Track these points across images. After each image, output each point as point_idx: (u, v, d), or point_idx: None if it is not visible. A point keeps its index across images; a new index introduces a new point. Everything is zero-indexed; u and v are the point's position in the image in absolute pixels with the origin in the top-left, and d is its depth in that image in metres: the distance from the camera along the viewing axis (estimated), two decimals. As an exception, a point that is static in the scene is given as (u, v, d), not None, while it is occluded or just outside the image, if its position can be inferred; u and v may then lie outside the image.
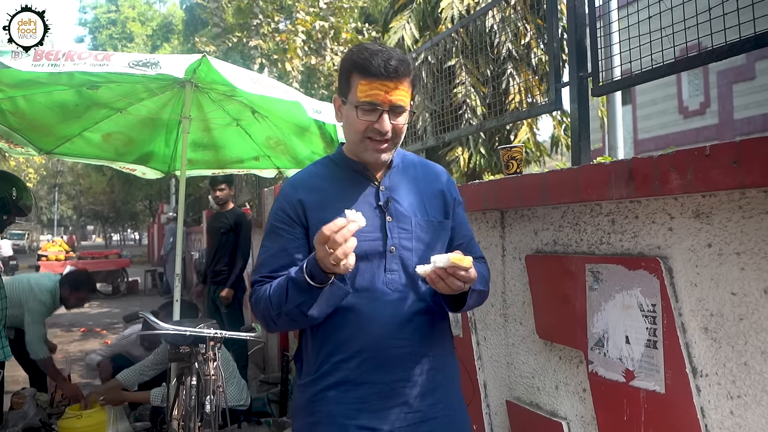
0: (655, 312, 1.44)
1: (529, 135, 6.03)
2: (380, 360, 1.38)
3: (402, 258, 1.40)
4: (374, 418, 1.37)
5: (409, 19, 6.39)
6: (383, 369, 1.38)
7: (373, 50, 1.35)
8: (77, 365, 6.34)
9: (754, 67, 13.12)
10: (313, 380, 1.43)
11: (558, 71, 2.32)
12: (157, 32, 31.58)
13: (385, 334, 1.37)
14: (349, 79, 1.38)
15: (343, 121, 1.45)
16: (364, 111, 1.35)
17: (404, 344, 1.39)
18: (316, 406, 1.41)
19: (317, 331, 1.43)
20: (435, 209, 1.49)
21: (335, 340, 1.40)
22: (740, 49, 1.55)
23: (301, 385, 1.47)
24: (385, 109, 1.34)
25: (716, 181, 1.24)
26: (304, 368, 1.48)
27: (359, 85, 1.34)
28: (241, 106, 3.88)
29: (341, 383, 1.39)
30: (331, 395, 1.39)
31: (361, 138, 1.38)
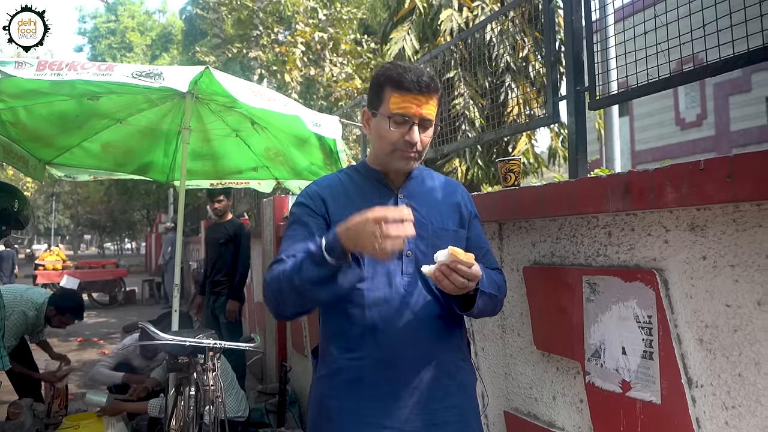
0: (651, 323, 1.46)
1: (528, 146, 6.07)
2: (394, 361, 1.42)
3: (417, 263, 1.46)
4: (387, 416, 1.41)
5: (409, 31, 6.44)
6: (397, 369, 1.42)
7: (407, 67, 1.45)
8: (75, 375, 6.32)
9: (750, 79, 13.23)
10: (328, 375, 1.49)
11: (555, 85, 2.35)
12: (157, 42, 31.69)
13: (399, 335, 1.42)
14: (382, 93, 1.45)
15: (371, 132, 1.53)
16: (396, 123, 1.43)
17: (418, 347, 1.44)
18: (330, 401, 1.47)
19: (334, 328, 1.49)
20: (451, 219, 1.56)
21: (351, 337, 1.45)
22: (733, 65, 1.58)
23: (317, 379, 1.54)
24: (415, 122, 1.43)
25: (711, 194, 1.26)
26: (320, 363, 1.54)
27: (392, 98, 1.43)
28: (240, 117, 3.90)
29: (355, 381, 1.44)
30: (344, 391, 1.45)
31: (392, 148, 1.46)
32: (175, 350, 2.71)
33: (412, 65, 1.47)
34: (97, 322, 11.27)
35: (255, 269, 6.44)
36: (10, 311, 4.08)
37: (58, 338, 9.07)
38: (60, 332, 9.39)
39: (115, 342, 8.52)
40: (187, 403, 2.74)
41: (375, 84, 1.49)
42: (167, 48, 29.51)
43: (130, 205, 26.46)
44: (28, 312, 4.17)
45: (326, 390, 1.49)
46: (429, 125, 1.46)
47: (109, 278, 14.21)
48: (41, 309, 4.26)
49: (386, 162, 1.50)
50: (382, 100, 1.45)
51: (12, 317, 4.08)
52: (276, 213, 5.21)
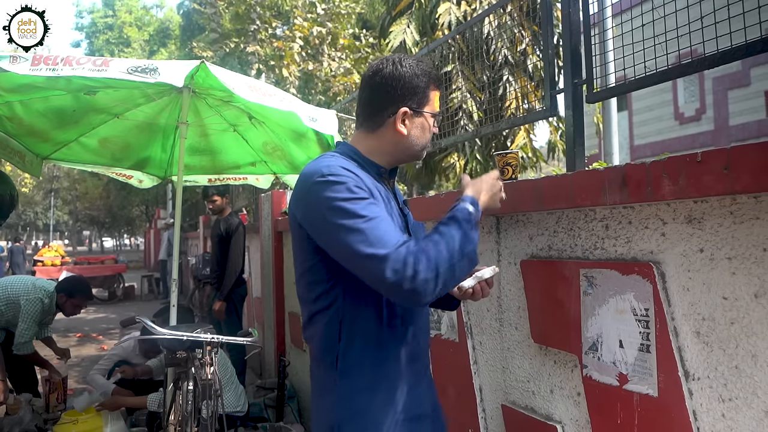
0: (648, 316, 1.46)
1: (526, 140, 6.05)
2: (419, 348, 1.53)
3: None
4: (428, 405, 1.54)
5: (409, 23, 6.41)
6: (421, 356, 1.56)
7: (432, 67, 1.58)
8: (73, 370, 6.33)
9: (749, 73, 13.22)
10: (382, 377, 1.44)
11: (553, 78, 2.34)
12: (154, 37, 31.58)
13: (420, 322, 1.55)
14: (428, 91, 1.49)
15: (409, 130, 1.47)
16: (436, 117, 1.54)
17: (425, 334, 1.59)
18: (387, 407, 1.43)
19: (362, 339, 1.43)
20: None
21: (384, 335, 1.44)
22: (731, 57, 1.58)
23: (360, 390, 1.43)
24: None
25: (708, 187, 1.26)
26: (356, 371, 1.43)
27: (437, 96, 1.52)
28: (238, 111, 3.90)
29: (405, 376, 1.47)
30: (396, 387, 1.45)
31: (427, 143, 1.55)
32: (172, 345, 2.71)
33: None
34: (96, 318, 11.28)
35: (254, 264, 6.44)
36: (25, 300, 4.10)
37: (57, 334, 9.07)
38: (59, 328, 9.42)
39: (114, 337, 8.54)
40: (185, 398, 2.74)
41: (417, 83, 1.46)
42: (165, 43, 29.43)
43: (128, 200, 26.43)
44: (44, 299, 4.21)
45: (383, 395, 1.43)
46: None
47: (108, 274, 14.24)
48: (53, 297, 4.28)
49: (413, 157, 1.57)
50: (429, 99, 1.49)
51: (30, 306, 4.11)
52: (274, 208, 5.21)
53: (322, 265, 1.40)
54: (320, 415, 1.50)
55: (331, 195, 1.30)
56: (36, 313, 4.14)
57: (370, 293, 1.39)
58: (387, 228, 1.27)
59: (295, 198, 1.45)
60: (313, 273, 1.43)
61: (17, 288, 4.16)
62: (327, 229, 1.32)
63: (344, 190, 1.30)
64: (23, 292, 4.13)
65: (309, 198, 1.36)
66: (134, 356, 4.54)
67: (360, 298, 1.41)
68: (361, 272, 1.29)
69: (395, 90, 1.45)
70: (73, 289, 4.35)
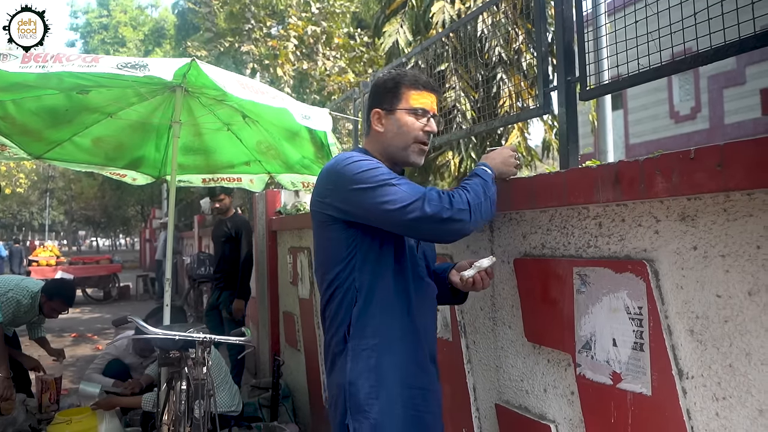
0: (641, 314, 1.45)
1: (520, 139, 6.05)
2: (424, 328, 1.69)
3: (423, 249, 1.76)
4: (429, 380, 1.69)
5: (402, 23, 6.40)
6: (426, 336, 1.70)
7: (417, 73, 1.76)
8: (68, 371, 6.30)
9: (744, 71, 13.24)
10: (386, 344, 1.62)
11: (546, 75, 2.33)
12: (149, 37, 31.45)
13: (426, 305, 1.72)
14: (399, 92, 1.67)
15: (386, 129, 1.70)
16: (418, 115, 1.66)
17: (431, 320, 1.76)
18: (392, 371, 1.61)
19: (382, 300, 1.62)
20: None
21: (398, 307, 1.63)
22: (725, 53, 1.57)
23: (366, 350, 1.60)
24: (431, 115, 1.69)
25: (701, 184, 1.25)
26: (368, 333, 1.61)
27: (412, 95, 1.66)
28: (231, 110, 3.88)
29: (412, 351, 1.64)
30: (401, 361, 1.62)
31: (412, 140, 1.67)
32: (165, 344, 2.70)
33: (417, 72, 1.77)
34: (91, 318, 11.24)
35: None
36: (1, 297, 4.07)
37: (52, 334, 9.04)
38: (54, 328, 9.38)
39: (109, 337, 8.50)
40: (178, 398, 2.72)
41: (388, 87, 1.69)
42: (160, 43, 29.31)
43: (123, 200, 26.36)
44: (22, 300, 4.16)
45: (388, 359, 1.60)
46: (436, 119, 1.72)
47: (103, 274, 14.19)
48: (36, 297, 4.24)
49: (403, 157, 1.69)
50: (400, 98, 1.66)
51: (5, 305, 4.07)
52: (268, 207, 5.19)
53: (344, 245, 1.60)
54: (333, 382, 1.66)
55: (359, 168, 1.55)
56: (7, 311, 4.10)
57: (385, 267, 1.62)
58: (413, 184, 1.54)
59: (319, 187, 1.65)
60: (335, 252, 1.63)
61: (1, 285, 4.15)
62: (359, 195, 1.53)
63: (368, 165, 1.56)
64: (4, 290, 4.11)
65: (338, 179, 1.58)
66: (128, 355, 4.51)
67: (376, 271, 1.61)
68: (399, 219, 1.49)
69: (372, 96, 1.74)
70: (54, 292, 4.30)
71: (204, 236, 9.90)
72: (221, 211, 5.30)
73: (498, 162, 1.74)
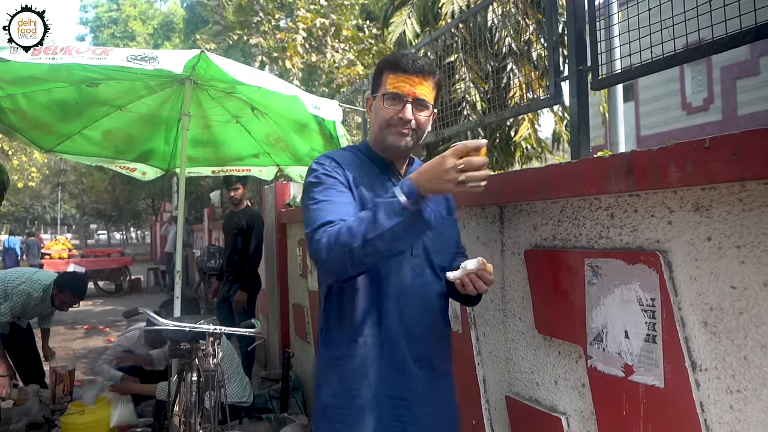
0: (654, 306, 1.43)
1: (530, 131, 6.01)
2: (407, 336, 1.55)
3: (424, 244, 1.59)
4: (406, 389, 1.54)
5: (410, 15, 6.36)
6: (410, 344, 1.55)
7: (404, 53, 1.58)
8: (80, 362, 6.36)
9: (758, 62, 13.06)
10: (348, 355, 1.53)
11: (557, 65, 2.31)
12: (159, 31, 31.51)
13: (412, 311, 1.55)
14: (381, 77, 1.56)
15: (371, 113, 1.63)
16: (391, 100, 1.52)
17: (427, 321, 1.59)
18: (345, 379, 1.53)
19: (348, 306, 1.54)
20: (445, 207, 1.71)
21: (367, 314, 1.53)
22: (741, 41, 1.54)
23: (331, 358, 1.56)
24: (409, 101, 1.51)
25: (716, 173, 1.22)
26: (333, 341, 1.57)
27: (388, 79, 1.53)
28: (240, 102, 3.88)
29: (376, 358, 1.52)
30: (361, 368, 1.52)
31: (385, 125, 1.54)
32: (176, 336, 2.71)
33: (412, 54, 1.60)
34: (103, 310, 11.34)
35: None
36: (11, 288, 4.11)
37: (65, 326, 9.14)
38: (66, 320, 9.48)
39: (120, 329, 8.57)
40: (189, 389, 2.74)
41: (375, 71, 1.61)
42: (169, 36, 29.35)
43: (134, 194, 26.51)
44: (33, 293, 4.20)
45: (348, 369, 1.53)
46: (424, 106, 1.54)
47: (114, 267, 14.31)
48: (47, 290, 4.28)
49: (381, 139, 1.57)
50: (381, 83, 1.56)
51: (15, 297, 4.11)
52: (278, 200, 5.19)
53: None
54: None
55: (307, 182, 1.54)
56: (17, 303, 4.15)
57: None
58: (326, 210, 1.43)
59: None
60: None
61: (12, 279, 4.19)
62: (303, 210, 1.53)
63: (313, 176, 1.53)
64: (16, 283, 4.16)
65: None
66: (140, 347, 4.55)
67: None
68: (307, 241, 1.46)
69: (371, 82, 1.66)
70: (65, 285, 4.33)
71: (214, 229, 9.94)
72: (235, 202, 5.28)
73: (425, 180, 1.30)
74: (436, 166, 1.28)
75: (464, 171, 1.24)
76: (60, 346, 4.96)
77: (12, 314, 4.17)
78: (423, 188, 1.30)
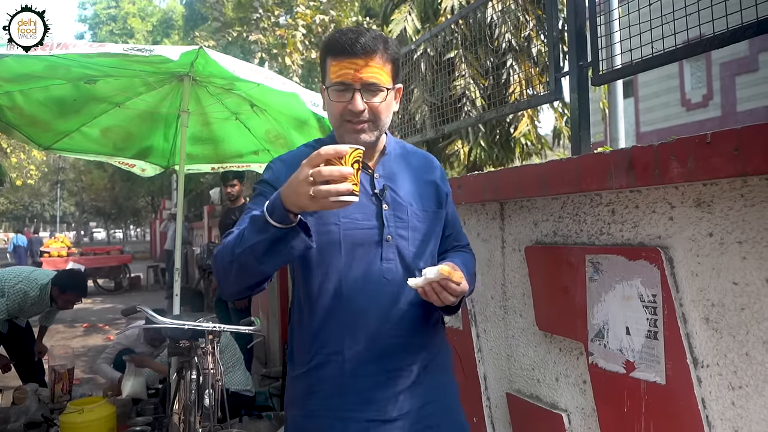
0: (655, 302, 1.43)
1: (530, 127, 5.99)
2: (376, 351, 1.35)
3: (399, 247, 1.37)
4: (375, 410, 1.34)
5: (410, 11, 6.34)
6: (379, 361, 1.35)
7: (344, 31, 1.31)
8: (80, 360, 6.36)
9: (757, 58, 13.04)
10: (306, 372, 1.38)
11: (557, 61, 2.30)
12: (158, 28, 31.45)
13: (381, 324, 1.35)
14: (325, 64, 1.34)
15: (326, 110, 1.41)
16: (337, 92, 1.31)
17: (400, 334, 1.37)
18: (312, 399, 1.37)
19: (309, 321, 1.38)
20: (430, 199, 1.47)
21: (329, 329, 1.35)
22: (742, 36, 1.53)
23: (293, 378, 1.44)
24: (357, 88, 1.29)
25: (717, 169, 1.22)
26: (296, 359, 1.43)
27: (331, 67, 1.31)
28: (239, 99, 3.86)
29: (337, 375, 1.35)
30: (326, 388, 1.36)
31: (339, 122, 1.33)
32: (175, 334, 2.70)
33: (356, 27, 1.33)
34: (102, 308, 11.33)
35: None
36: (8, 287, 4.11)
37: (64, 324, 9.13)
38: (66, 318, 9.47)
39: (119, 327, 8.58)
40: (188, 387, 2.73)
41: (320, 58, 1.38)
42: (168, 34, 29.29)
43: (134, 191, 26.49)
44: (30, 292, 4.20)
45: (307, 389, 1.38)
46: (376, 90, 1.30)
47: (113, 265, 14.30)
48: (45, 289, 4.27)
49: (339, 135, 1.36)
50: (326, 72, 1.34)
51: (11, 296, 4.12)
52: (277, 197, 5.18)
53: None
54: None
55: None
56: (13, 302, 4.15)
57: (300, 286, 1.40)
58: (242, 221, 1.27)
59: None
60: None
61: (10, 278, 4.19)
62: None
63: (256, 183, 1.43)
64: (14, 282, 4.16)
65: None
66: (139, 345, 4.54)
67: (296, 290, 1.44)
68: None
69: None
70: (67, 285, 4.32)
71: (214, 226, 9.92)
72: (232, 198, 5.27)
73: (285, 192, 1.11)
74: (293, 176, 1.09)
75: (314, 184, 1.05)
76: (59, 345, 4.94)
77: (8, 312, 4.17)
78: (287, 203, 1.10)
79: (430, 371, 1.43)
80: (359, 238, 1.35)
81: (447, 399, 1.48)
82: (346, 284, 1.34)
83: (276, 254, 1.16)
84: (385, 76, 1.32)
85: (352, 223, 1.33)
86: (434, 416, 1.41)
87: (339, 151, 1.06)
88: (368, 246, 1.35)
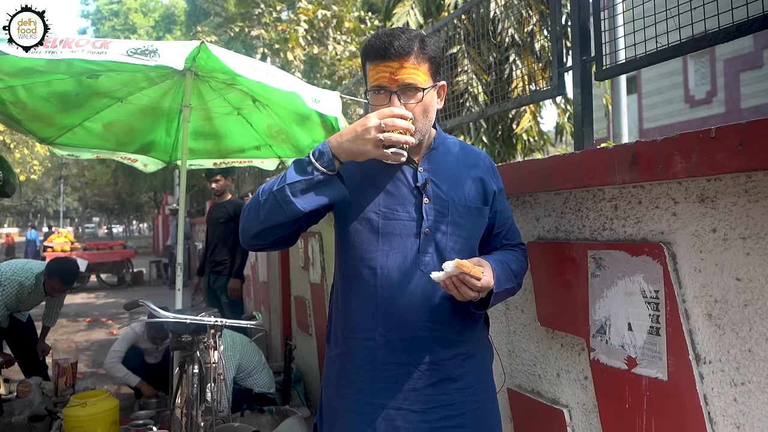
0: (658, 298, 1.42)
1: (532, 123, 5.98)
2: (408, 341, 1.37)
3: (436, 241, 1.39)
4: (403, 399, 1.37)
5: (412, 5, 6.32)
6: (410, 351, 1.37)
7: (378, 34, 1.35)
8: (83, 354, 6.38)
9: (761, 54, 12.98)
10: (341, 354, 1.45)
11: (561, 56, 2.29)
12: (160, 23, 31.44)
13: (414, 316, 1.37)
14: (365, 68, 1.39)
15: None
16: (376, 95, 1.35)
17: (434, 327, 1.38)
18: (343, 381, 1.44)
19: (345, 305, 1.45)
20: (474, 195, 1.46)
21: (361, 314, 1.41)
22: (747, 30, 1.52)
23: (330, 358, 1.51)
24: (393, 91, 1.32)
25: (721, 164, 1.21)
26: (332, 340, 1.51)
27: (369, 71, 1.36)
28: (241, 94, 3.86)
29: (368, 361, 1.39)
30: (358, 372, 1.41)
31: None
32: (177, 328, 2.70)
33: (391, 30, 1.35)
34: (105, 303, 11.37)
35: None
36: (6, 281, 4.13)
37: (68, 318, 9.16)
38: (69, 313, 9.50)
39: (122, 322, 8.60)
40: (190, 381, 2.73)
41: (360, 61, 1.44)
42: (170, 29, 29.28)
43: (136, 186, 26.51)
44: (25, 281, 4.23)
45: (339, 371, 1.46)
46: (413, 91, 1.33)
47: (116, 259, 14.33)
48: (39, 278, 4.30)
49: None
50: (366, 76, 1.39)
51: (8, 288, 4.13)
52: (279, 192, 5.17)
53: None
54: None
55: None
56: (10, 294, 4.17)
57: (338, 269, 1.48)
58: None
59: None
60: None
61: (5, 270, 4.21)
62: None
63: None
64: (9, 274, 4.17)
65: None
66: (143, 341, 4.54)
67: (338, 274, 1.49)
68: None
69: None
70: (53, 270, 4.35)
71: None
72: (217, 193, 5.28)
73: (346, 139, 1.25)
74: (359, 124, 1.24)
75: (385, 131, 1.22)
76: (62, 339, 4.95)
77: (6, 305, 4.18)
78: (343, 149, 1.24)
79: (468, 369, 1.44)
80: (398, 228, 1.38)
81: (480, 399, 1.46)
82: (381, 272, 1.38)
83: (313, 196, 1.25)
84: (422, 76, 1.35)
85: (391, 213, 1.38)
86: (464, 416, 1.40)
87: (405, 114, 1.25)
88: (406, 237, 1.38)
